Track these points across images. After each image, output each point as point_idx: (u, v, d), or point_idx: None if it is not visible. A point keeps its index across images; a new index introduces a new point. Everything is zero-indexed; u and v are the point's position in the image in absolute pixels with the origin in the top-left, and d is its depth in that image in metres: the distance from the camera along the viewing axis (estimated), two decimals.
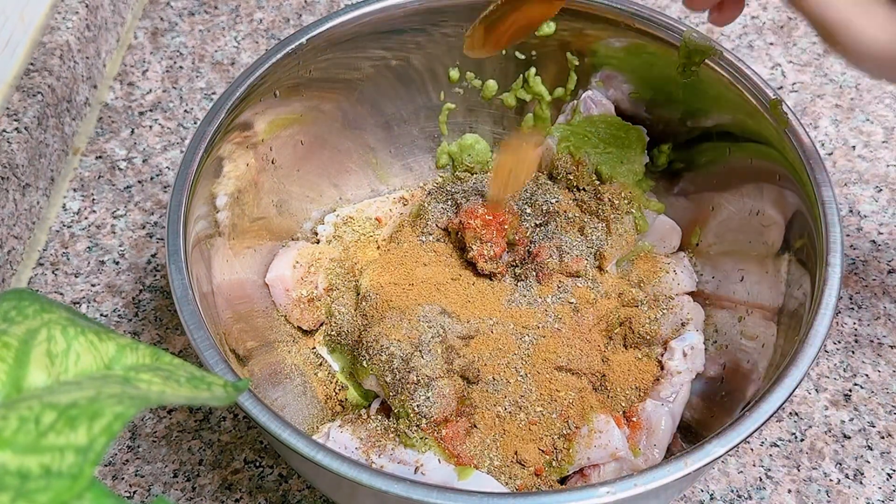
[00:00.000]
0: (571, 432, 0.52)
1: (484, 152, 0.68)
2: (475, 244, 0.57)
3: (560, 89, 0.65)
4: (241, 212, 0.58)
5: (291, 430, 0.42)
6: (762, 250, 0.56)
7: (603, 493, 0.40)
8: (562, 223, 0.58)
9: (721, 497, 0.56)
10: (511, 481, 0.51)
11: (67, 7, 0.73)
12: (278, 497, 0.56)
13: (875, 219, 0.69)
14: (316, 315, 0.59)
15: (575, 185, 0.61)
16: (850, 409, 0.60)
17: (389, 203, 0.66)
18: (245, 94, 0.55)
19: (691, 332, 0.58)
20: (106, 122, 0.75)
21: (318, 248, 0.62)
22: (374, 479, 0.40)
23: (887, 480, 0.57)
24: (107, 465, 0.57)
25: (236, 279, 0.57)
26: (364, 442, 0.53)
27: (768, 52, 0.80)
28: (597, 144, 0.61)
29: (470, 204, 0.58)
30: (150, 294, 0.65)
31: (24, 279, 0.66)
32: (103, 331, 0.29)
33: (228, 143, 0.55)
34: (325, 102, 0.62)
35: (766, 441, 0.58)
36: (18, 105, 0.66)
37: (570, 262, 0.57)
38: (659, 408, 0.55)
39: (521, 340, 0.54)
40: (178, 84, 0.78)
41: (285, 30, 0.82)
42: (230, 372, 0.44)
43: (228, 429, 0.59)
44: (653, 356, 0.58)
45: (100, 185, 0.71)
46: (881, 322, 0.64)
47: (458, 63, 0.64)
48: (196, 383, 0.29)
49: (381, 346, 0.52)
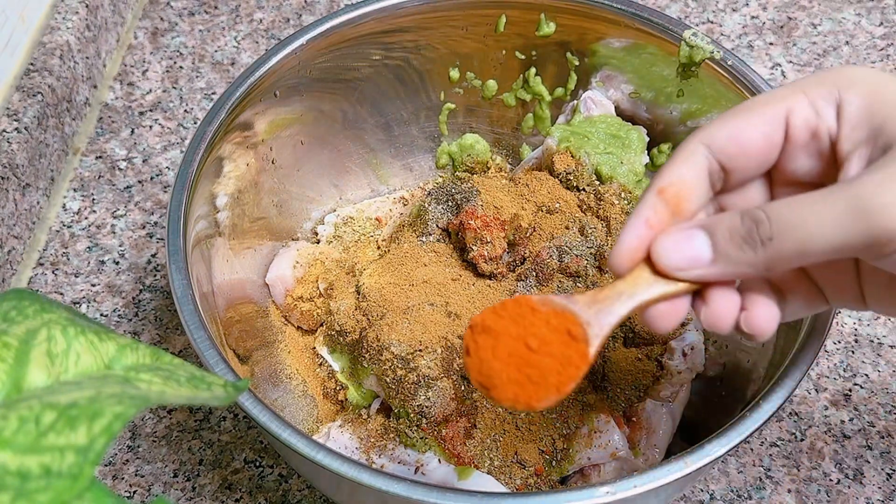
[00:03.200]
0: (571, 432, 0.52)
1: (484, 152, 0.68)
2: (475, 245, 0.57)
3: (560, 89, 0.65)
4: (241, 212, 0.58)
5: (291, 430, 0.42)
6: None
7: (603, 493, 0.40)
8: (562, 223, 0.58)
9: (721, 497, 0.56)
10: (511, 481, 0.51)
11: (67, 7, 0.73)
12: (278, 497, 0.56)
13: None
14: (316, 315, 0.59)
15: (575, 185, 0.61)
16: (850, 409, 0.60)
17: (389, 203, 0.66)
18: (245, 94, 0.55)
19: (691, 332, 0.58)
20: (106, 122, 0.75)
21: (318, 248, 0.62)
22: (374, 479, 0.40)
23: (887, 480, 0.57)
24: (107, 465, 0.57)
25: (236, 279, 0.57)
26: (364, 442, 0.53)
27: (768, 52, 0.80)
28: (597, 144, 0.61)
29: (470, 204, 0.58)
30: (150, 294, 0.65)
31: (24, 279, 0.66)
32: (103, 331, 0.29)
33: (228, 143, 0.55)
34: (325, 102, 0.62)
35: (766, 441, 0.58)
36: (18, 105, 0.66)
37: (570, 262, 0.57)
38: (659, 408, 0.55)
39: None
40: (178, 84, 0.78)
41: (285, 30, 0.82)
42: (230, 372, 0.44)
43: (228, 429, 0.59)
44: (653, 356, 0.58)
45: (100, 185, 0.71)
46: (881, 322, 0.63)
47: (458, 63, 0.64)
48: (196, 383, 0.29)
49: (381, 345, 0.52)
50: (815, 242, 0.32)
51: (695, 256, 0.34)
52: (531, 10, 0.61)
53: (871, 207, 0.31)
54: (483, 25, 0.62)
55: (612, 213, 0.59)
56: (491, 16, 0.61)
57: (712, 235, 0.34)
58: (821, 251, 0.32)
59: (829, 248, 0.32)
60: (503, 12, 0.61)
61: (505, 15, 0.61)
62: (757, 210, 0.33)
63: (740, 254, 0.33)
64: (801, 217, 0.32)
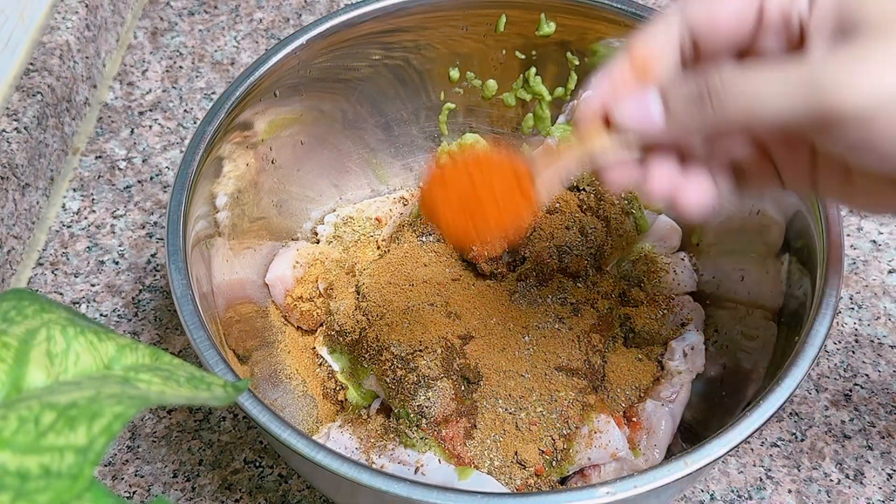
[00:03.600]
0: (571, 432, 0.52)
1: None
2: (475, 245, 0.57)
3: (560, 89, 0.65)
4: (241, 212, 0.58)
5: (291, 431, 0.42)
6: (762, 250, 0.56)
7: (603, 493, 0.40)
8: (562, 223, 0.58)
9: (721, 497, 0.56)
10: (511, 481, 0.51)
11: (67, 7, 0.73)
12: (278, 497, 0.56)
13: (875, 219, 0.69)
14: (316, 315, 0.59)
15: (575, 185, 0.61)
16: (851, 409, 0.60)
17: (389, 203, 0.66)
18: (245, 94, 0.55)
19: (691, 332, 0.58)
20: (106, 122, 0.75)
21: (318, 248, 0.62)
22: (374, 479, 0.40)
23: (887, 480, 0.56)
24: (107, 465, 0.57)
25: (236, 279, 0.57)
26: (364, 442, 0.53)
27: None
28: None
29: None
30: (150, 294, 0.65)
31: (24, 279, 0.66)
32: (103, 331, 0.29)
33: (228, 143, 0.55)
34: (325, 102, 0.62)
35: (767, 441, 0.58)
36: (18, 105, 0.66)
37: (570, 262, 0.57)
38: (659, 408, 0.55)
39: (522, 340, 0.54)
40: (178, 84, 0.78)
41: (285, 30, 0.82)
42: (230, 372, 0.44)
43: (228, 429, 0.59)
44: (653, 356, 0.58)
45: (99, 185, 0.71)
46: (881, 322, 0.63)
47: (458, 63, 0.64)
48: (196, 383, 0.29)
49: (381, 345, 0.52)
50: (762, 111, 0.32)
51: (647, 115, 0.35)
52: (531, 9, 0.61)
53: (824, 85, 0.31)
54: (483, 25, 0.62)
55: (612, 213, 0.59)
56: (491, 16, 0.61)
57: (666, 97, 0.35)
58: (768, 121, 0.32)
59: (776, 119, 0.32)
60: (503, 12, 0.61)
61: (505, 15, 0.61)
62: (712, 73, 0.34)
63: (690, 115, 0.34)
64: (753, 84, 0.32)
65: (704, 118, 0.34)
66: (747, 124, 0.33)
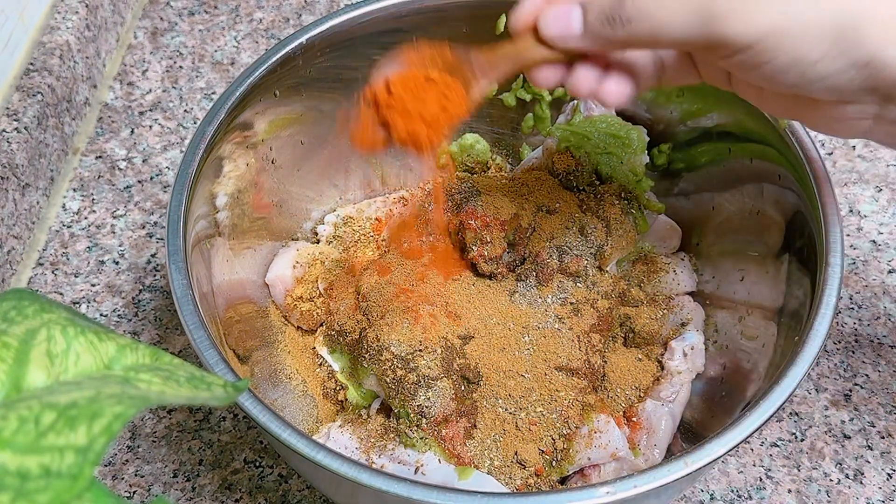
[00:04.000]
0: (571, 432, 0.52)
1: (484, 152, 0.68)
2: (475, 245, 0.57)
3: (560, 89, 0.65)
4: (241, 212, 0.58)
5: (291, 430, 0.42)
6: (762, 250, 0.56)
7: (603, 493, 0.40)
8: (562, 223, 0.58)
9: (721, 497, 0.56)
10: (511, 481, 0.51)
11: (67, 7, 0.73)
12: (278, 497, 0.56)
13: (875, 219, 0.69)
14: (316, 315, 0.59)
15: (575, 185, 0.61)
16: (851, 409, 0.60)
17: (389, 203, 0.66)
18: (245, 94, 0.55)
19: (691, 332, 0.58)
20: (106, 122, 0.75)
21: (318, 248, 0.62)
22: (374, 479, 0.40)
23: (887, 480, 0.57)
24: (107, 465, 0.57)
25: (236, 279, 0.57)
26: (364, 442, 0.53)
27: None
28: (597, 144, 0.61)
29: (470, 204, 0.58)
30: (150, 294, 0.65)
31: (24, 279, 0.66)
32: (103, 331, 0.29)
33: (228, 143, 0.55)
34: (325, 102, 0.62)
35: (767, 441, 0.58)
36: (18, 105, 0.66)
37: (570, 262, 0.57)
38: (659, 408, 0.55)
39: (522, 340, 0.54)
40: (178, 84, 0.78)
41: (285, 30, 0.82)
42: (230, 372, 0.44)
43: (228, 429, 0.59)
44: (653, 356, 0.58)
45: (100, 184, 0.71)
46: (881, 322, 0.63)
47: None
48: (196, 383, 0.29)
49: (381, 345, 0.52)
50: (664, 33, 0.37)
51: (568, 28, 0.40)
52: None
53: (715, 12, 0.36)
54: (483, 25, 0.62)
55: (612, 213, 0.59)
56: (491, 16, 0.61)
57: (585, 12, 0.39)
58: (669, 42, 0.38)
59: (676, 41, 0.37)
60: (503, 12, 0.61)
61: (505, 15, 0.61)
62: None
63: (603, 31, 0.39)
64: (657, 8, 0.37)
65: (615, 35, 0.38)
66: (653, 44, 0.39)
